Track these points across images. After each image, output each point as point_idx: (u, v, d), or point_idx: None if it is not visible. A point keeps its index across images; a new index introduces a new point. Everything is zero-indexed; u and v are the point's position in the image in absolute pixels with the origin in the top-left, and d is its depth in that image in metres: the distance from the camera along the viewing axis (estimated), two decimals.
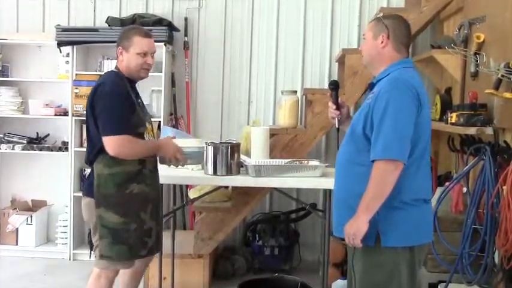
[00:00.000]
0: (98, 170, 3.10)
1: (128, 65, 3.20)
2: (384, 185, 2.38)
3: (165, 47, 5.16)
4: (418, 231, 2.53)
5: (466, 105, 3.59)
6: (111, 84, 3.11)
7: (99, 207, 3.10)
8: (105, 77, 3.21)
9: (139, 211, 3.14)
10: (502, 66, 3.07)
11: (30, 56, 5.57)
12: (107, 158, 3.06)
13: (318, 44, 5.40)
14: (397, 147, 2.37)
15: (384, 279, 2.48)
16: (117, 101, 3.07)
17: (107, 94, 3.07)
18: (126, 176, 3.10)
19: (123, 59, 3.21)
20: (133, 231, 3.10)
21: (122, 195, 3.10)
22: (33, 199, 5.59)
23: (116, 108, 3.06)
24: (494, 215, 3.14)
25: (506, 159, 3.16)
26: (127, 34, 3.25)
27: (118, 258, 3.13)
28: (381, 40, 2.58)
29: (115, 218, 3.08)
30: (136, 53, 3.19)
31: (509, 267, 3.04)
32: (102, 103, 3.05)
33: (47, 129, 5.55)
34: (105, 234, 3.10)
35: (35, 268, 5.04)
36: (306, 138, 4.72)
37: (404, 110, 2.40)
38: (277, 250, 5.01)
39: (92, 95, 3.12)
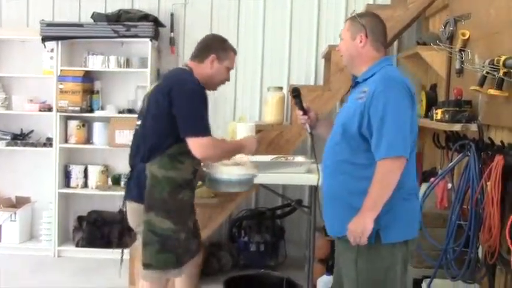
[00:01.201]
0: (152, 170, 2.91)
1: (213, 75, 3.09)
2: (390, 182, 2.41)
3: (150, 43, 5.14)
4: (413, 225, 2.59)
5: (451, 101, 3.60)
6: (196, 84, 2.96)
7: (149, 211, 2.91)
8: (183, 75, 3.03)
9: (187, 219, 3.03)
10: (487, 63, 3.09)
11: (14, 51, 5.52)
12: (165, 160, 2.90)
13: (304, 40, 5.41)
14: (401, 144, 2.41)
15: (381, 276, 2.51)
16: (204, 102, 2.95)
17: (194, 93, 2.91)
18: (181, 181, 2.95)
19: (213, 67, 3.08)
20: (182, 240, 2.95)
21: (175, 201, 2.93)
22: (17, 195, 5.56)
23: (204, 109, 2.94)
24: (478, 211, 3.16)
25: (490, 155, 3.17)
26: (224, 46, 3.16)
27: (165, 267, 2.94)
28: (360, 40, 2.60)
29: (166, 224, 2.90)
30: (227, 67, 3.13)
31: (493, 262, 3.06)
32: (187, 101, 2.88)
33: (31, 125, 5.51)
34: (153, 241, 2.90)
35: (19, 265, 5.01)
36: (292, 135, 4.72)
37: (403, 108, 2.44)
38: (263, 246, 5.01)
39: (165, 89, 2.91)
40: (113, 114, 5.29)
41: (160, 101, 2.90)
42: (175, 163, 2.91)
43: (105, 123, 5.32)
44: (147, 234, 2.91)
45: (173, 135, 2.89)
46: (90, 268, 4.98)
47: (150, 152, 2.92)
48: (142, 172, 2.94)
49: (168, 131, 2.90)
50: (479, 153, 3.26)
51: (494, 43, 3.26)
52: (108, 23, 5.14)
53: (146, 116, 2.99)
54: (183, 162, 2.93)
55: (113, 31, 5.11)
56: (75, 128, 5.35)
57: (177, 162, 2.91)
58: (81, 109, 5.24)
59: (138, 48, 5.32)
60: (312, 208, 3.97)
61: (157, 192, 2.90)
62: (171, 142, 2.90)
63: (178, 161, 2.92)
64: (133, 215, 3.03)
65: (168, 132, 2.90)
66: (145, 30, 5.11)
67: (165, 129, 2.90)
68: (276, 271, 4.76)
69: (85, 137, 5.42)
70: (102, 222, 5.33)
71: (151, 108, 2.96)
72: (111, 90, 5.50)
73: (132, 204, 3.01)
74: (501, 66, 2.94)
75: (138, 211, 2.96)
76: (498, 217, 2.95)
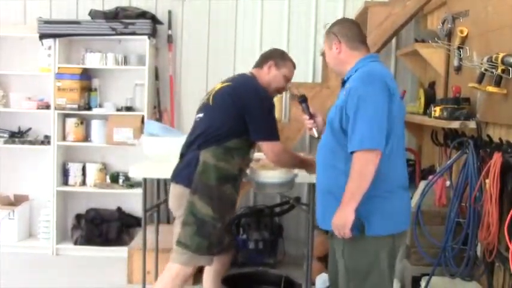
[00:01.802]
0: (205, 157, 3.08)
1: (270, 82, 3.29)
2: (365, 174, 2.45)
3: (148, 40, 5.13)
4: (399, 219, 2.63)
5: (450, 99, 3.60)
6: (265, 90, 3.20)
7: (194, 193, 3.07)
8: (252, 80, 3.26)
9: (226, 212, 3.15)
10: (485, 60, 3.09)
11: (11, 49, 5.50)
12: (220, 150, 3.07)
13: (302, 38, 5.39)
14: (372, 137, 2.45)
15: (366, 267, 2.57)
16: (273, 110, 3.16)
17: (267, 98, 3.15)
18: (227, 174, 3.11)
19: (270, 73, 3.30)
20: (218, 229, 3.10)
21: (219, 190, 3.09)
22: (15, 193, 5.54)
23: (274, 115, 3.15)
24: (477, 209, 3.16)
25: (488, 153, 3.18)
26: (283, 55, 3.38)
27: (196, 250, 3.08)
28: (335, 47, 2.74)
29: (207, 210, 3.06)
30: (284, 75, 3.31)
31: (491, 260, 3.06)
32: (261, 105, 3.10)
33: (29, 123, 5.50)
34: (191, 222, 3.07)
35: (17, 263, 5.00)
36: (291, 132, 4.72)
37: (377, 102, 2.48)
38: (262, 244, 5.01)
39: (236, 91, 3.14)
40: (111, 111, 5.28)
41: (229, 100, 3.11)
42: (227, 156, 3.08)
43: (103, 121, 5.32)
44: (188, 215, 3.07)
45: (235, 131, 3.10)
46: (89, 266, 4.97)
47: (208, 141, 3.09)
48: (194, 158, 3.10)
49: (232, 127, 3.09)
50: (478, 151, 3.26)
51: (492, 40, 3.25)
52: (105, 21, 5.12)
53: (212, 111, 3.16)
54: (234, 157, 3.11)
55: (111, 28, 5.11)
56: (73, 126, 5.34)
57: (229, 156, 3.08)
58: (79, 107, 5.23)
59: (135, 45, 5.32)
60: (310, 206, 3.96)
61: (205, 177, 3.07)
62: (229, 136, 3.09)
63: (231, 155, 3.09)
64: (176, 197, 3.18)
65: (231, 128, 3.09)
66: (143, 27, 5.11)
67: (230, 125, 3.09)
68: (275, 269, 4.77)
69: (83, 134, 5.41)
70: (100, 220, 5.32)
71: (218, 105, 3.16)
72: (109, 88, 5.49)
73: (177, 187, 3.16)
74: (499, 63, 2.94)
75: (182, 195, 3.11)
76: (497, 214, 2.96)
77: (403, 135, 2.66)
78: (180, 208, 3.13)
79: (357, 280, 2.60)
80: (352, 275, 2.61)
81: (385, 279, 2.60)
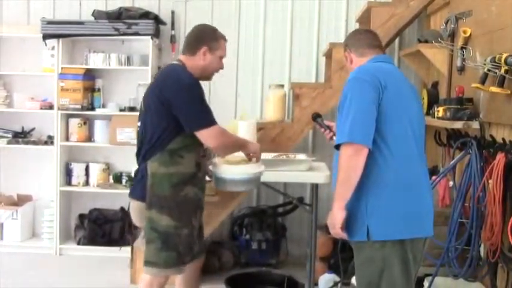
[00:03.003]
0: (153, 168, 2.93)
1: (207, 67, 3.09)
2: (347, 169, 2.40)
3: (151, 41, 5.14)
4: (408, 224, 2.47)
5: (453, 99, 3.60)
6: (190, 77, 2.96)
7: (150, 209, 2.92)
8: (175, 70, 3.02)
9: (191, 216, 3.00)
10: (489, 61, 3.08)
11: (14, 49, 5.51)
12: (165, 156, 2.91)
13: (305, 38, 5.39)
14: (349, 130, 2.38)
15: (376, 275, 2.47)
16: (202, 94, 2.97)
17: (191, 87, 2.92)
18: (182, 177, 2.95)
19: (205, 59, 3.07)
20: (184, 237, 2.95)
21: (177, 197, 2.93)
22: (18, 193, 5.55)
23: (204, 100, 2.96)
24: (480, 209, 3.16)
25: (492, 153, 3.17)
26: (214, 35, 3.14)
27: (165, 265, 2.95)
28: (346, 58, 2.77)
29: (168, 221, 2.90)
30: (220, 56, 3.13)
31: (495, 260, 3.06)
32: (185, 95, 2.88)
33: (33, 123, 5.50)
34: (154, 238, 2.92)
35: (20, 263, 5.00)
36: (293, 132, 4.71)
37: (359, 95, 2.43)
38: (265, 244, 5.00)
39: (159, 88, 2.93)
40: (114, 112, 5.28)
41: (156, 100, 2.92)
42: (175, 158, 2.92)
43: (106, 121, 5.32)
44: (149, 232, 2.94)
45: (172, 131, 2.91)
46: (92, 266, 4.98)
47: (150, 150, 2.95)
48: (143, 170, 2.97)
49: (167, 128, 2.92)
50: (481, 151, 3.26)
51: (495, 40, 3.25)
52: (108, 21, 5.13)
53: (145, 116, 3.02)
54: (184, 156, 2.94)
55: (114, 29, 5.11)
56: (77, 126, 5.35)
57: (177, 157, 2.92)
58: (82, 107, 5.24)
59: (139, 46, 5.32)
60: (313, 206, 3.96)
61: (158, 189, 2.92)
62: (170, 138, 2.92)
63: (179, 155, 2.93)
64: (136, 212, 3.07)
65: (166, 129, 2.92)
66: (146, 28, 5.11)
67: (164, 126, 2.92)
68: (278, 269, 4.77)
69: (86, 135, 5.41)
70: (103, 220, 5.33)
71: (148, 108, 2.99)
72: (112, 88, 5.49)
73: (135, 202, 3.05)
74: (503, 63, 2.94)
75: (141, 209, 2.99)
76: (500, 215, 2.96)
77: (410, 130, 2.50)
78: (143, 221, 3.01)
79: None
80: (364, 285, 2.52)
81: None
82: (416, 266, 2.56)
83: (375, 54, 2.69)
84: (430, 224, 2.58)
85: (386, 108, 2.43)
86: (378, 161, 2.42)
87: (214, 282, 4.39)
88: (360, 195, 2.44)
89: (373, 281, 2.49)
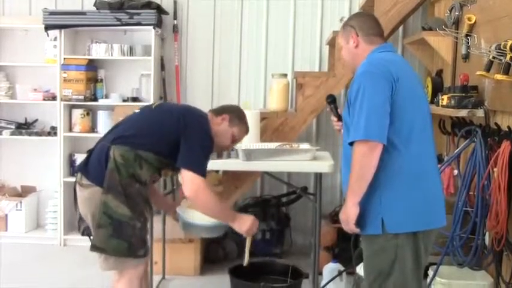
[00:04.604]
0: (116, 155, 2.83)
1: (218, 133, 3.05)
2: (362, 166, 2.36)
3: (154, 31, 5.12)
4: (422, 215, 2.46)
5: (457, 87, 3.57)
6: (210, 130, 2.95)
7: (107, 193, 2.80)
8: (202, 115, 3.02)
9: (144, 209, 2.92)
10: (494, 48, 3.06)
11: (17, 40, 5.50)
12: (131, 155, 2.82)
13: (308, 27, 5.36)
14: (364, 127, 2.34)
15: (388, 266, 2.46)
16: (209, 142, 2.93)
17: (207, 136, 2.92)
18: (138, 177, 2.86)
19: (221, 124, 3.09)
20: (138, 229, 2.85)
21: (133, 188, 2.84)
22: (22, 185, 5.56)
23: (207, 147, 2.92)
24: (485, 198, 3.14)
25: (497, 141, 3.15)
26: (242, 116, 3.19)
27: (114, 253, 2.84)
28: (352, 41, 2.63)
29: (123, 210, 2.80)
30: (233, 134, 3.13)
31: (500, 249, 3.05)
32: (201, 138, 2.88)
33: (36, 114, 5.51)
34: (106, 224, 2.80)
35: (25, 254, 5.02)
36: (297, 122, 4.70)
37: (374, 92, 2.38)
38: (269, 234, 5.00)
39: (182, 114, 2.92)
40: (117, 102, 5.27)
41: (174, 118, 2.91)
42: (135, 164, 2.84)
43: (109, 112, 5.31)
44: (102, 216, 2.81)
45: (156, 147, 2.87)
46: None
47: (126, 139, 2.88)
48: (105, 152, 2.88)
49: (158, 143, 2.88)
50: (486, 139, 3.24)
51: (500, 27, 3.22)
52: (111, 11, 5.11)
53: (150, 116, 3.00)
54: (143, 168, 2.86)
55: (116, 19, 5.09)
56: (80, 117, 5.34)
57: (137, 165, 2.85)
58: (85, 98, 5.23)
59: (141, 36, 5.30)
60: (317, 195, 3.95)
61: (118, 174, 2.82)
62: (150, 149, 2.86)
63: (140, 164, 2.86)
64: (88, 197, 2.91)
65: (158, 143, 2.88)
66: (148, 17, 5.08)
67: (157, 139, 2.88)
68: (282, 259, 4.77)
69: (89, 125, 5.41)
70: None
71: (158, 113, 2.99)
72: (115, 79, 5.48)
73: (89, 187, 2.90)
74: (508, 50, 2.91)
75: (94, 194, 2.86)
76: (505, 203, 2.94)
77: (421, 120, 2.49)
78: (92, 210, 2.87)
79: (380, 280, 2.49)
80: (374, 275, 2.51)
81: (408, 279, 2.46)
82: (427, 256, 2.56)
83: (381, 42, 2.65)
84: (443, 214, 2.57)
85: (399, 101, 2.40)
86: (392, 154, 2.40)
87: (218, 272, 4.41)
88: (374, 188, 2.41)
89: (383, 271, 2.47)
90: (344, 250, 4.52)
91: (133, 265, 2.91)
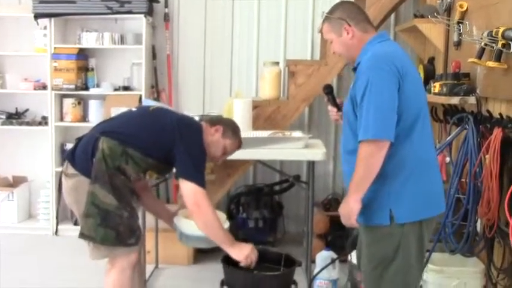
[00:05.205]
0: (104, 146, 2.84)
1: (209, 144, 3.05)
2: (369, 165, 2.35)
3: (145, 19, 5.08)
4: (428, 203, 2.48)
5: (449, 74, 3.57)
6: (202, 139, 2.97)
7: (94, 183, 2.82)
8: (197, 126, 3.05)
9: (131, 199, 2.94)
10: (486, 35, 3.05)
11: (6, 29, 5.45)
12: (119, 149, 2.84)
13: (300, 15, 5.34)
14: (377, 127, 2.32)
15: (392, 253, 2.46)
16: (205, 156, 2.98)
17: (202, 146, 2.95)
18: (123, 170, 2.88)
19: (214, 135, 3.08)
20: (126, 218, 2.88)
21: (119, 179, 2.86)
22: (13, 175, 5.53)
23: (203, 157, 2.96)
24: (477, 185, 3.15)
25: (489, 128, 3.16)
26: (236, 130, 3.18)
27: (102, 241, 2.87)
28: (346, 32, 2.56)
29: (110, 200, 2.83)
30: (224, 145, 3.12)
31: (491, 235, 3.06)
32: (197, 149, 2.92)
33: (26, 104, 5.47)
34: (94, 214, 2.83)
35: (17, 244, 5.00)
36: (289, 110, 4.70)
37: (382, 89, 2.34)
38: (261, 222, 5.01)
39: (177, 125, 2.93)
40: (108, 91, 5.25)
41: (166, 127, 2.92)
42: (121, 158, 2.85)
43: (100, 101, 5.28)
44: (89, 206, 2.84)
45: (146, 148, 2.89)
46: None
47: (117, 134, 2.89)
48: (92, 142, 2.88)
49: (149, 146, 2.90)
50: (478, 126, 3.25)
51: (492, 14, 3.22)
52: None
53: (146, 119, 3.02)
54: (128, 164, 2.87)
55: (107, 7, 5.05)
56: (71, 106, 5.31)
57: (123, 160, 2.86)
58: (76, 87, 5.20)
59: (132, 24, 5.26)
60: (310, 183, 3.96)
61: (104, 165, 2.83)
62: (139, 150, 2.88)
63: (126, 160, 2.87)
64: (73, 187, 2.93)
65: (148, 146, 2.90)
66: (139, 6, 5.04)
67: (148, 143, 2.90)
68: (275, 247, 4.78)
69: (81, 115, 5.38)
70: None
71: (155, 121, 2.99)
72: (106, 68, 5.45)
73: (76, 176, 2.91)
74: (500, 37, 2.90)
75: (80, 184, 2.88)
76: (497, 190, 2.95)
77: (422, 111, 2.47)
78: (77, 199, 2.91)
79: (382, 266, 2.49)
80: (377, 262, 2.50)
81: (411, 265, 2.48)
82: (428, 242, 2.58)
83: (372, 28, 2.61)
84: (443, 199, 2.61)
85: (405, 95, 2.38)
86: (398, 147, 2.38)
87: (211, 260, 4.40)
88: (381, 180, 2.39)
89: (386, 258, 2.47)
90: (337, 238, 4.55)
91: (125, 254, 2.93)
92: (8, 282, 4.08)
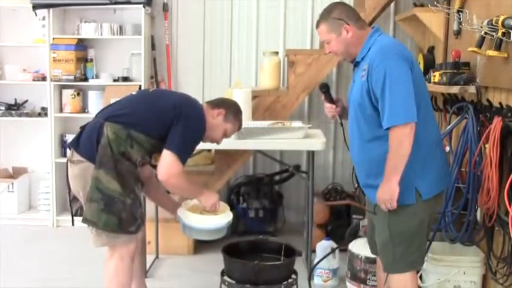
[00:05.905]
0: (109, 131, 2.87)
1: (210, 126, 3.08)
2: (403, 147, 2.51)
3: (143, 9, 5.06)
4: (442, 177, 2.74)
5: (449, 64, 3.56)
6: (204, 121, 3.02)
7: (99, 168, 2.85)
8: (198, 105, 3.08)
9: (134, 186, 2.96)
10: (486, 24, 3.04)
11: (4, 20, 5.43)
12: (123, 133, 2.87)
13: (299, 4, 5.31)
14: (403, 111, 2.50)
15: (414, 229, 2.67)
16: (200, 135, 3.02)
17: (200, 125, 3.00)
18: (128, 155, 2.91)
19: (216, 118, 3.11)
20: (128, 205, 2.90)
21: (123, 164, 2.88)
22: (13, 166, 5.53)
23: (196, 139, 3.00)
24: (477, 174, 3.16)
25: (488, 117, 3.16)
26: (238, 113, 3.22)
27: (104, 227, 2.88)
28: (346, 31, 2.71)
29: (114, 185, 2.85)
30: (225, 128, 3.17)
31: (491, 224, 3.07)
32: (192, 126, 2.94)
33: (25, 95, 5.46)
34: (97, 199, 2.85)
35: (18, 236, 5.01)
36: (288, 100, 4.69)
37: (401, 75, 2.52)
38: (262, 212, 5.02)
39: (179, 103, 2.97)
40: (107, 82, 5.24)
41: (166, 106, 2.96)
42: (126, 142, 2.89)
43: (100, 92, 5.27)
44: (94, 191, 2.86)
45: (149, 129, 2.93)
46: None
47: (120, 118, 2.92)
48: (97, 128, 2.91)
49: (150, 125, 2.93)
50: (478, 116, 3.25)
51: (492, 3, 3.20)
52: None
53: (146, 99, 3.08)
54: (134, 147, 2.91)
55: None
56: (70, 97, 5.30)
57: (128, 144, 2.89)
58: (75, 78, 5.19)
59: (131, 14, 5.24)
60: (309, 173, 3.96)
61: (110, 150, 2.86)
62: (142, 131, 2.92)
63: (131, 144, 2.90)
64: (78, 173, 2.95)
65: (150, 125, 2.93)
66: None
67: (149, 122, 2.94)
68: (275, 237, 4.78)
69: (80, 105, 5.37)
70: None
71: (155, 100, 3.03)
72: (105, 58, 5.43)
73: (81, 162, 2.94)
74: (500, 26, 2.90)
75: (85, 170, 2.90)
76: (496, 179, 2.95)
77: (427, 96, 2.72)
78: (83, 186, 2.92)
79: (404, 244, 2.66)
80: (398, 239, 2.66)
81: (425, 237, 2.78)
82: None
83: (365, 24, 2.82)
84: (450, 172, 2.96)
85: (416, 81, 2.57)
86: (417, 128, 2.53)
87: (212, 250, 4.41)
88: (407, 161, 2.53)
89: (409, 234, 2.66)
90: (337, 227, 4.56)
91: (125, 242, 2.95)
92: (8, 273, 4.09)
